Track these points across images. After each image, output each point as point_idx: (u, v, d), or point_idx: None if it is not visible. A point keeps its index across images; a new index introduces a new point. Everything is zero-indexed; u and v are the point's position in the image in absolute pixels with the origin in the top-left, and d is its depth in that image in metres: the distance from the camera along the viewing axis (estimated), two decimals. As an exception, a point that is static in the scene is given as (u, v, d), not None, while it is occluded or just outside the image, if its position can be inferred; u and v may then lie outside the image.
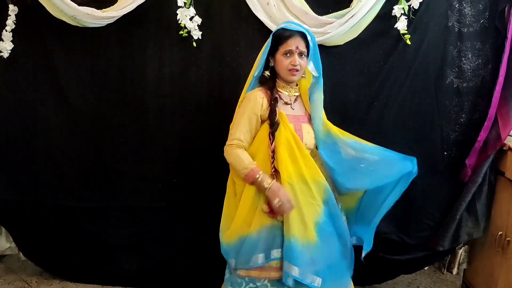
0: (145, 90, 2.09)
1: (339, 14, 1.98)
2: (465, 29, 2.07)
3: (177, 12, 1.99)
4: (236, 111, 1.70)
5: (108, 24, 2.01)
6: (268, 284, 1.65)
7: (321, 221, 1.63)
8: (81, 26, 2.00)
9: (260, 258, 1.61)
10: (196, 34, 2.01)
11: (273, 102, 1.65)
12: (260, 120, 1.66)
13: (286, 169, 1.59)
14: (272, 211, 1.59)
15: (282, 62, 1.65)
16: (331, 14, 1.99)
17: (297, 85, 1.76)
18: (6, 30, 2.06)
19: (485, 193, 2.15)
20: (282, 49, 1.65)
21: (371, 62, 2.07)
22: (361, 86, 2.09)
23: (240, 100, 1.71)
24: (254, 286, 1.66)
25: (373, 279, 2.41)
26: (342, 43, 2.03)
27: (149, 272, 2.27)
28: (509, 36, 1.99)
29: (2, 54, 2.08)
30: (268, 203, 1.58)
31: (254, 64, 1.72)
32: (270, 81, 1.71)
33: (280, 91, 1.71)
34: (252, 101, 1.64)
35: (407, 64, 2.07)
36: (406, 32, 2.00)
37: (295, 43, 1.63)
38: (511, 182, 2.02)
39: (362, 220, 1.86)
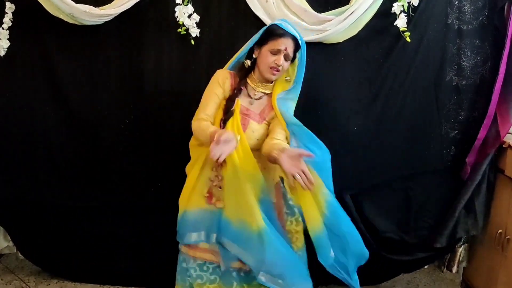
0: (143, 88, 2.08)
1: (338, 12, 1.97)
2: (465, 27, 2.07)
3: (175, 9, 1.97)
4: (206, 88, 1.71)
5: (106, 22, 1.99)
6: (197, 268, 1.71)
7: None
8: (78, 24, 1.98)
9: (193, 236, 1.67)
10: (195, 31, 2.00)
11: (236, 91, 1.66)
12: (224, 89, 1.68)
13: (230, 157, 1.54)
14: (210, 197, 1.66)
15: (267, 58, 1.63)
16: (330, 12, 1.98)
17: (271, 82, 1.74)
18: (2, 28, 2.04)
19: (484, 191, 2.15)
20: (271, 45, 1.62)
21: (371, 59, 2.06)
22: (361, 83, 2.08)
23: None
24: (185, 266, 1.72)
25: (373, 278, 2.41)
26: (341, 41, 2.02)
27: (149, 272, 2.27)
28: (509, 33, 1.98)
29: (-1, 52, 2.07)
30: (209, 190, 1.66)
31: (238, 52, 1.74)
32: (244, 70, 1.71)
33: (248, 83, 1.71)
34: (220, 78, 1.68)
35: (407, 61, 2.07)
36: (406, 29, 1.99)
37: (285, 44, 1.62)
38: (511, 180, 2.02)
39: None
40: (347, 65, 2.07)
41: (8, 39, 2.06)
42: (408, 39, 2.00)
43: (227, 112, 1.64)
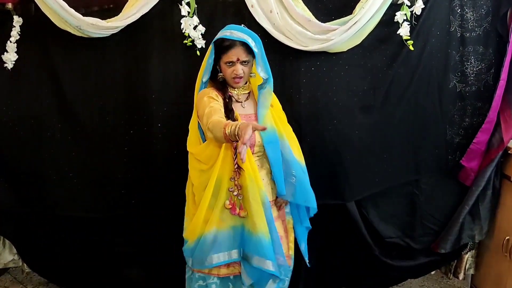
0: (150, 99, 2.09)
1: (342, 21, 1.98)
2: (468, 34, 2.09)
3: (181, 21, 1.99)
4: (198, 109, 1.69)
5: (113, 34, 2.01)
6: (218, 282, 1.72)
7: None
8: (85, 36, 2.00)
9: (215, 258, 1.65)
10: (200, 43, 2.02)
11: (227, 100, 1.69)
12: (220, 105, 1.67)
13: (250, 164, 1.62)
14: (234, 208, 1.64)
15: (226, 71, 1.68)
16: (334, 21, 2.00)
17: (247, 83, 1.77)
18: (10, 41, 2.06)
19: (489, 197, 2.15)
20: (225, 59, 1.65)
21: (375, 68, 2.08)
22: (365, 92, 2.09)
23: (195, 103, 1.75)
24: (204, 283, 1.73)
25: (378, 284, 2.40)
26: (345, 50, 2.04)
27: (155, 283, 2.26)
28: (511, 40, 2.00)
29: (6, 65, 2.08)
30: (230, 201, 1.65)
31: (200, 70, 1.74)
32: (220, 83, 1.74)
33: (230, 91, 1.74)
34: (207, 93, 1.67)
35: (411, 69, 2.08)
36: (409, 38, 2.01)
37: (236, 54, 1.63)
38: (517, 186, 2.03)
39: None
40: (351, 74, 2.08)
41: (15, 52, 2.08)
42: (411, 48, 2.01)
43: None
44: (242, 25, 1.76)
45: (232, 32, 1.65)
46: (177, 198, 2.14)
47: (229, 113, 1.66)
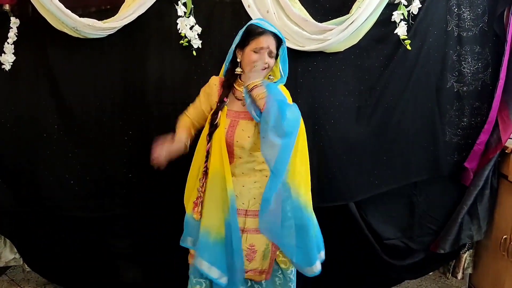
0: (147, 99, 2.09)
1: (338, 21, 1.98)
2: (465, 33, 2.08)
3: (177, 21, 2.00)
4: None
5: (109, 34, 2.02)
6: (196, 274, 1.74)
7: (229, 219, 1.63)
8: (82, 37, 2.01)
9: (188, 240, 1.76)
10: (196, 43, 2.02)
11: (219, 104, 1.69)
12: (209, 99, 1.75)
13: (213, 166, 1.65)
14: (195, 206, 1.71)
15: (250, 57, 1.63)
16: (331, 21, 2.00)
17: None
18: (8, 43, 2.07)
19: (487, 197, 2.16)
20: (254, 44, 1.62)
21: (372, 68, 2.07)
22: (363, 92, 2.09)
23: None
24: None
25: (378, 285, 2.40)
26: (342, 50, 2.03)
27: (155, 282, 2.27)
28: (508, 39, 2.00)
29: (4, 66, 2.09)
30: (196, 199, 1.72)
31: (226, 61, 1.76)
32: (232, 78, 1.73)
33: (236, 88, 1.72)
34: (208, 86, 1.77)
35: (408, 69, 2.08)
36: (406, 37, 2.01)
37: (267, 42, 1.62)
38: (515, 185, 2.02)
39: None
40: (349, 74, 2.08)
41: (13, 53, 2.08)
42: (408, 47, 2.01)
43: (212, 126, 1.68)
44: None
45: (265, 23, 1.66)
46: (176, 198, 2.15)
47: (214, 117, 1.68)
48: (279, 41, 1.67)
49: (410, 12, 1.99)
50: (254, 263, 1.70)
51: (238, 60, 1.69)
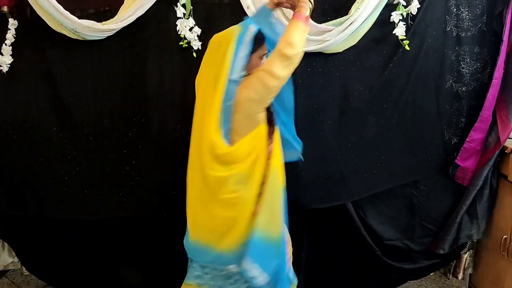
0: (146, 101, 2.09)
1: (337, 22, 1.98)
2: (463, 34, 2.09)
3: (177, 23, 1.99)
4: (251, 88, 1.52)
5: (108, 36, 2.01)
6: None
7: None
8: (81, 39, 2.00)
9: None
10: (196, 44, 2.01)
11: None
12: None
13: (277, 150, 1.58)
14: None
15: (258, 64, 1.59)
16: (329, 22, 1.99)
17: None
18: (5, 44, 2.05)
19: (486, 196, 2.16)
20: (261, 51, 1.59)
21: (371, 68, 2.07)
22: (362, 92, 2.09)
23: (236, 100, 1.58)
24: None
25: (378, 286, 2.40)
26: (341, 50, 2.03)
27: (155, 283, 2.26)
28: (504, 39, 2.01)
29: (1, 68, 2.07)
30: None
31: (224, 66, 1.49)
32: None
33: None
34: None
35: (407, 69, 2.08)
36: (405, 37, 2.01)
37: (266, 46, 1.61)
38: (514, 185, 2.03)
39: None
40: (347, 74, 2.08)
41: (11, 55, 2.07)
42: (407, 48, 2.01)
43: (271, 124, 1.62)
44: None
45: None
46: (176, 200, 2.14)
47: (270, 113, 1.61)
48: None
49: (409, 12, 1.99)
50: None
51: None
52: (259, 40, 1.59)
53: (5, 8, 2.00)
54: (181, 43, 2.01)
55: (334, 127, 2.10)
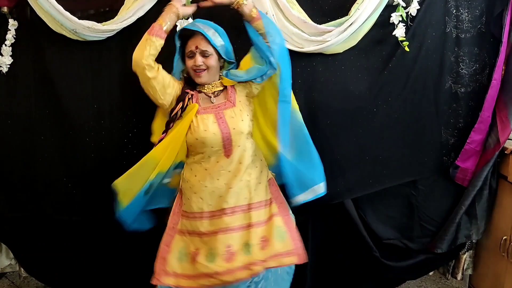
0: (146, 102, 2.08)
1: (337, 23, 1.99)
2: (463, 35, 2.09)
3: (177, 24, 1.99)
4: None
5: (108, 37, 2.01)
6: None
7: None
8: (81, 39, 2.00)
9: None
10: (196, 45, 2.02)
11: (173, 116, 1.69)
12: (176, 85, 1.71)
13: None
14: None
15: (187, 64, 1.68)
16: (330, 23, 2.00)
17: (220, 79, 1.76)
18: (5, 45, 2.06)
19: (486, 197, 2.16)
20: (186, 50, 1.66)
21: (371, 69, 2.08)
22: (361, 92, 2.09)
23: None
24: None
25: (377, 286, 2.40)
26: (341, 51, 2.04)
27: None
28: (504, 40, 2.01)
29: (1, 68, 2.08)
30: None
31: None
32: (190, 79, 1.73)
33: (200, 90, 1.74)
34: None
35: (406, 70, 2.09)
36: (404, 39, 2.01)
37: (194, 43, 1.64)
38: (514, 186, 2.03)
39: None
40: (347, 75, 2.08)
41: (10, 55, 2.07)
42: (406, 49, 2.01)
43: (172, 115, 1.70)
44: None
45: (194, 23, 1.67)
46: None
47: (174, 118, 1.68)
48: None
49: (409, 13, 2.00)
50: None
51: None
52: (183, 40, 1.66)
53: (5, 9, 2.01)
54: (181, 44, 2.01)
55: (334, 127, 2.10)
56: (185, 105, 1.67)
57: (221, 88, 1.76)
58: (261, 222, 1.71)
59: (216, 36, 1.67)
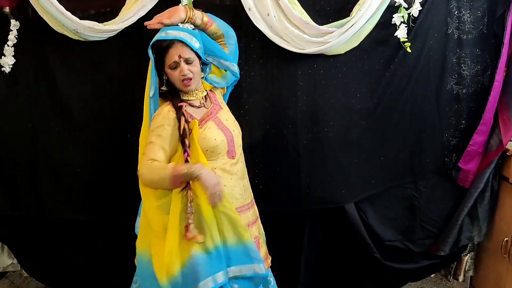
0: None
1: (339, 24, 1.98)
2: (465, 36, 2.09)
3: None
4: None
5: (110, 37, 2.01)
6: None
7: None
8: (82, 40, 2.00)
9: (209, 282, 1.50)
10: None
11: (182, 133, 1.55)
12: (175, 132, 1.56)
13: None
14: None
15: (172, 75, 1.57)
16: (331, 24, 1.99)
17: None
18: (8, 45, 2.06)
19: (487, 199, 2.15)
20: (167, 61, 1.56)
21: (372, 70, 2.08)
22: (363, 94, 2.09)
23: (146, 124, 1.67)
24: None
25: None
26: (343, 52, 2.03)
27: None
28: (505, 41, 2.00)
29: (4, 68, 2.08)
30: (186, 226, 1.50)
31: (146, 85, 1.63)
32: (171, 93, 1.64)
33: (188, 99, 1.64)
34: (160, 117, 1.57)
35: (408, 71, 2.08)
36: (406, 40, 2.01)
37: (175, 52, 1.55)
38: (516, 188, 2.03)
39: None
40: (349, 76, 2.08)
41: (13, 56, 2.08)
42: (408, 50, 2.01)
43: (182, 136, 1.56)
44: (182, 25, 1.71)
45: (167, 32, 1.58)
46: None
47: (185, 136, 1.54)
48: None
49: (411, 14, 1.99)
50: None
51: (165, 78, 1.64)
52: (161, 52, 1.56)
53: (6, 9, 2.01)
54: (182, 44, 2.01)
55: (335, 128, 2.09)
56: (187, 118, 1.59)
57: (205, 92, 1.72)
58: (253, 221, 1.75)
59: (193, 40, 1.60)
